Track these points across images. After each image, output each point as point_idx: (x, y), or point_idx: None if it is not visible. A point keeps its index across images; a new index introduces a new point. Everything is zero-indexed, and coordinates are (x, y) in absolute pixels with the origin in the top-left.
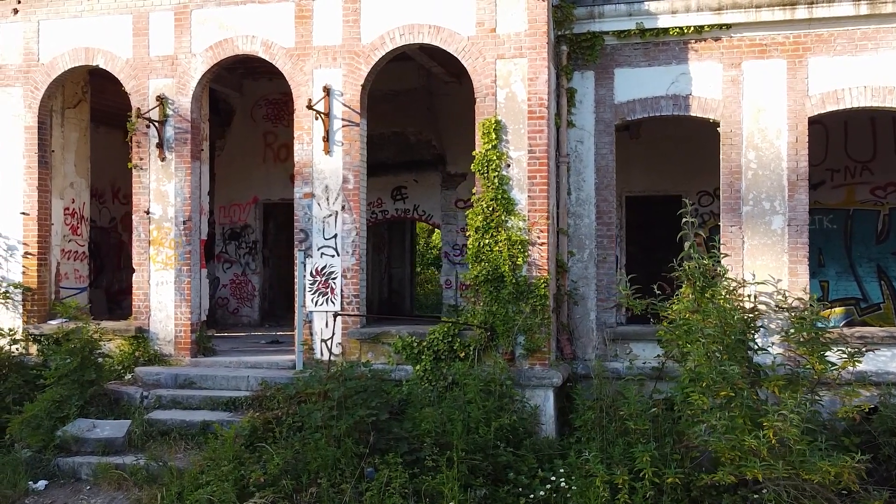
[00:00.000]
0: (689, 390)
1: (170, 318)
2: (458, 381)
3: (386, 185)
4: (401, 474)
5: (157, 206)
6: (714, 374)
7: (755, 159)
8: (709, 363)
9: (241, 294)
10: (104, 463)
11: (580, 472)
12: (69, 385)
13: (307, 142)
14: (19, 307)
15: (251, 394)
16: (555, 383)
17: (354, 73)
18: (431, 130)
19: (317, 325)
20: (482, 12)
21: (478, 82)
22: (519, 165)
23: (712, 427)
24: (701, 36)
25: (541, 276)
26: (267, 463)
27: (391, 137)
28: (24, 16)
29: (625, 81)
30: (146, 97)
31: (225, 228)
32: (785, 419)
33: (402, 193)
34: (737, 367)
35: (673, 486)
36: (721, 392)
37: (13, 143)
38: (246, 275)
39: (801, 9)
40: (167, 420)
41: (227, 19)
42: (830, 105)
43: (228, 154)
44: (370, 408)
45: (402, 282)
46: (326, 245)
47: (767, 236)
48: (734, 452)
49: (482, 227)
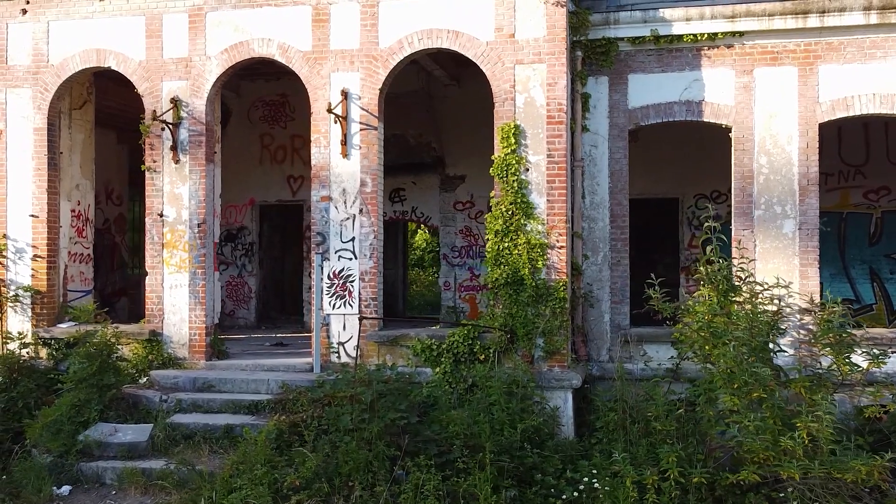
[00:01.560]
0: (721, 392)
1: (184, 321)
2: (478, 383)
3: (384, 186)
4: (433, 476)
5: (171, 209)
6: (746, 375)
7: (767, 164)
8: (740, 365)
9: (237, 296)
10: (129, 467)
11: (605, 473)
12: (88, 389)
13: (324, 145)
14: (28, 310)
15: (273, 397)
16: (574, 385)
17: (372, 76)
18: (431, 133)
19: (334, 328)
20: (501, 18)
21: (496, 87)
22: (538, 170)
23: (745, 427)
24: (714, 43)
25: (559, 279)
26: (300, 466)
27: (391, 139)
28: (32, 16)
29: (638, 87)
30: (159, 99)
31: (221, 230)
32: (820, 420)
33: (401, 195)
34: (768, 369)
35: (697, 485)
36: (753, 393)
37: (22, 145)
38: (242, 276)
39: (813, 17)
40: (190, 424)
41: (243, 22)
42: (840, 112)
43: (224, 155)
44: (399, 410)
45: (394, 283)
46: (344, 248)
47: (779, 240)
48: (768, 452)
49: (501, 230)
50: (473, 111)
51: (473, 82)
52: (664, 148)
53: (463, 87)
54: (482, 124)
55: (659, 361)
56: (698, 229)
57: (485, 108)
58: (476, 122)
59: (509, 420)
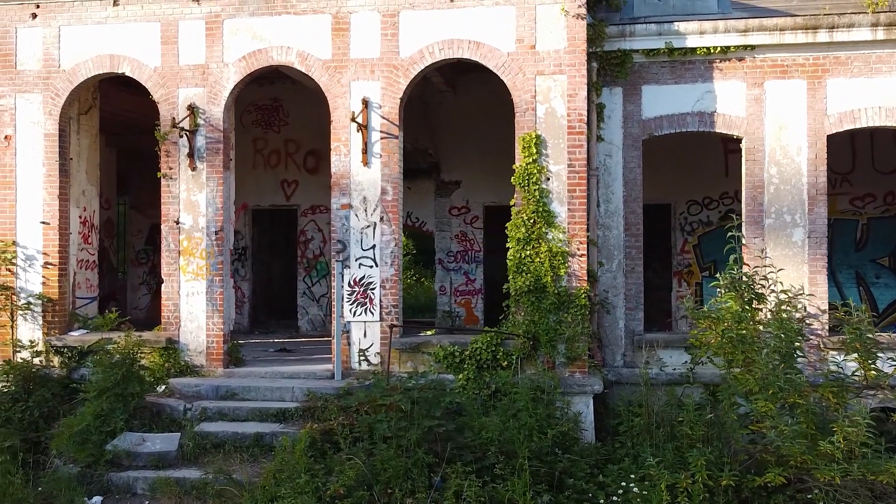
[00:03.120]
0: (757, 397)
1: (201, 328)
2: (502, 389)
3: None
4: (473, 483)
5: (187, 216)
6: (781, 381)
7: (777, 174)
8: (774, 371)
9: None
10: (161, 477)
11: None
12: (112, 398)
13: (344, 153)
14: (39, 318)
15: (299, 405)
16: (596, 390)
17: (393, 86)
18: (427, 138)
19: (354, 335)
20: (522, 29)
21: (517, 97)
22: (558, 179)
23: (781, 432)
24: (726, 56)
25: (580, 286)
26: (340, 475)
27: None
28: (42, 21)
29: (652, 98)
30: (175, 106)
31: None
32: (858, 425)
33: None
34: (801, 375)
35: (725, 487)
36: (789, 399)
37: (31, 151)
38: (235, 281)
39: (822, 33)
40: (218, 432)
41: (261, 29)
42: (847, 124)
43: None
44: (434, 418)
45: None
46: (364, 256)
47: (789, 248)
48: (806, 456)
49: (523, 238)
50: (469, 117)
51: (469, 89)
52: (657, 155)
53: (458, 94)
54: (477, 130)
55: (673, 366)
56: (690, 235)
57: (480, 115)
58: (471, 129)
59: (538, 426)
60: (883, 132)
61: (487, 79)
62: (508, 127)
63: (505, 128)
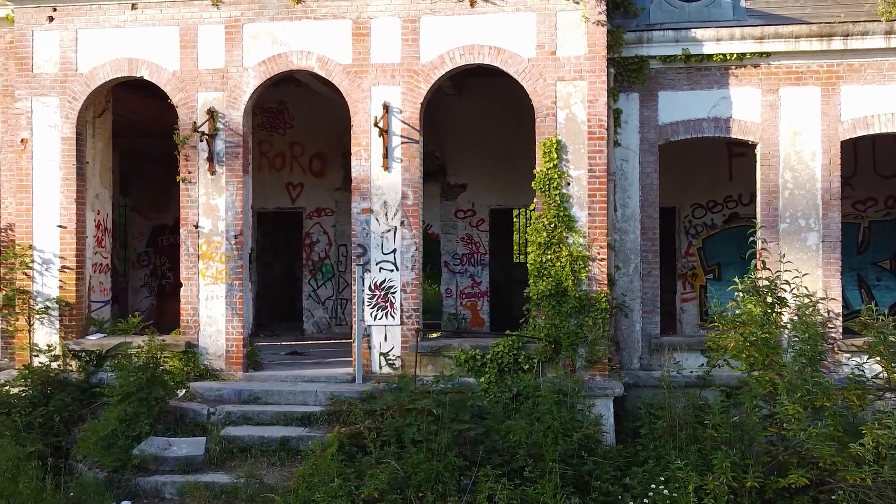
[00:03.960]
0: (785, 400)
1: (220, 332)
2: (524, 392)
3: None
4: (505, 486)
5: (207, 220)
6: (809, 385)
7: (791, 179)
8: (802, 375)
9: None
10: (190, 481)
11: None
12: (136, 403)
13: (364, 158)
14: (56, 322)
15: (324, 408)
16: (617, 393)
17: (413, 91)
18: (433, 141)
19: (375, 339)
20: (543, 35)
21: (538, 103)
22: (579, 184)
23: (809, 434)
24: (742, 63)
25: (601, 290)
26: (373, 478)
27: None
28: (59, 24)
29: (668, 104)
30: (194, 110)
31: None
32: (888, 427)
33: None
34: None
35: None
36: (816, 402)
37: (48, 155)
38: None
39: (837, 40)
40: (244, 436)
41: (281, 34)
42: (861, 130)
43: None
44: (464, 421)
45: None
46: (385, 260)
47: (803, 252)
48: (836, 458)
49: (544, 243)
50: (475, 121)
51: (475, 93)
52: (662, 159)
53: (464, 97)
54: (483, 134)
55: (689, 369)
56: (694, 238)
57: (486, 119)
58: (477, 132)
59: (563, 429)
60: (884, 137)
61: (493, 83)
62: (514, 131)
63: (510, 132)
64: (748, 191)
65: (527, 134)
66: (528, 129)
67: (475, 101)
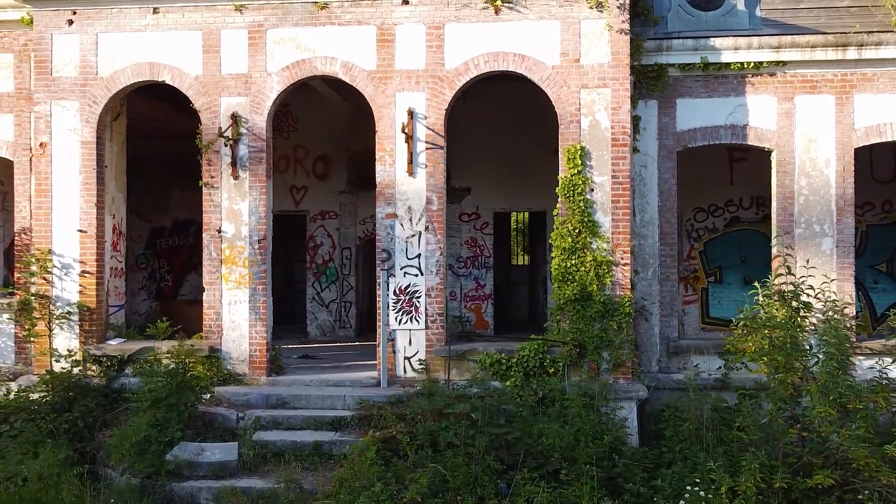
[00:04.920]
0: (817, 403)
1: (243, 337)
2: (550, 395)
3: None
4: (543, 489)
5: (230, 225)
6: (842, 388)
7: (807, 186)
8: (833, 378)
9: None
10: (226, 487)
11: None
12: (165, 408)
13: (389, 163)
14: (75, 327)
15: (353, 413)
16: (641, 396)
17: (438, 97)
18: None
19: (400, 343)
20: (567, 43)
21: (561, 110)
22: (602, 190)
23: (843, 436)
24: (758, 71)
25: (624, 294)
26: (414, 482)
27: None
28: (79, 27)
29: (686, 111)
30: (217, 115)
31: None
32: None
33: None
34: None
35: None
36: (849, 405)
37: (68, 159)
38: None
39: (852, 50)
40: (276, 441)
41: (305, 40)
42: (874, 138)
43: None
44: (499, 425)
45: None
46: (409, 265)
47: (818, 256)
48: (870, 459)
49: (569, 248)
50: (480, 125)
51: (479, 97)
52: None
53: (469, 102)
54: (488, 138)
55: (707, 372)
56: (696, 241)
57: (490, 123)
58: (482, 136)
59: (592, 432)
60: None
61: (498, 87)
62: (518, 136)
63: (515, 136)
64: (749, 195)
65: (530, 138)
66: (531, 133)
67: (479, 105)
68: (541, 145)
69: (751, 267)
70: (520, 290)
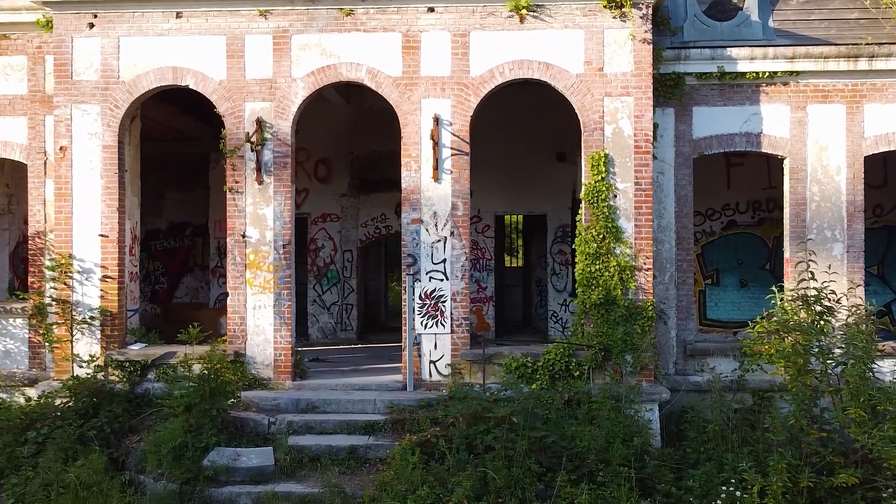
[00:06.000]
0: (849, 405)
1: (268, 341)
2: (574, 398)
3: (391, 201)
4: (585, 491)
5: (254, 230)
6: (872, 390)
7: (818, 192)
8: (864, 380)
9: None
10: (267, 492)
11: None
12: (198, 413)
13: (415, 169)
14: (97, 332)
15: (385, 417)
16: (664, 398)
17: (463, 104)
18: None
19: (425, 347)
20: (590, 52)
21: (585, 117)
22: (625, 196)
23: (874, 436)
24: (772, 81)
25: (647, 298)
26: (459, 486)
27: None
28: (101, 31)
29: (702, 119)
30: (241, 120)
31: (220, 242)
32: None
33: None
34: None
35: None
36: (879, 406)
37: (88, 163)
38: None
39: (863, 61)
40: (311, 446)
41: (331, 46)
42: (883, 146)
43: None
44: (538, 428)
45: (377, 293)
46: (435, 269)
47: (829, 261)
48: None
49: (593, 253)
50: (481, 129)
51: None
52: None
53: None
54: (490, 142)
55: (723, 373)
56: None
57: (492, 127)
58: (484, 140)
59: (623, 434)
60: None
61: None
62: (518, 140)
63: (516, 140)
64: (745, 199)
65: (531, 143)
66: (531, 138)
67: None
68: (541, 150)
69: (746, 269)
70: (514, 292)
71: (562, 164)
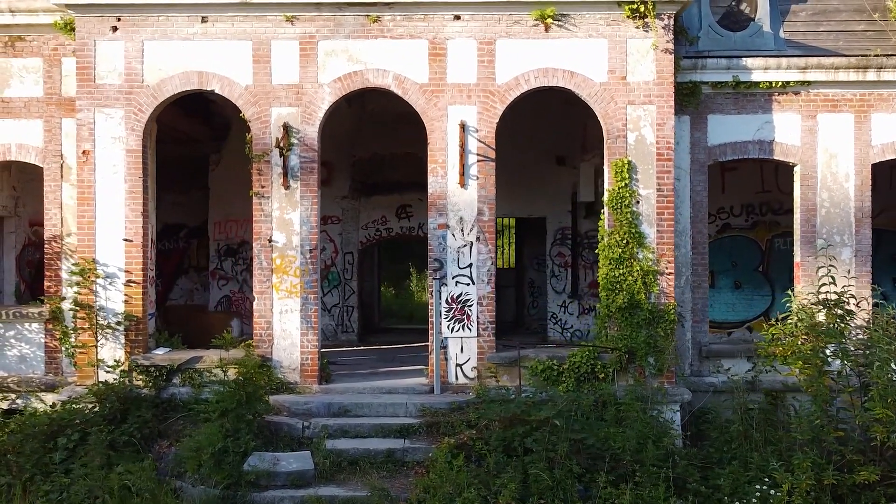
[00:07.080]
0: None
1: (295, 346)
2: (599, 400)
3: (391, 203)
4: (625, 492)
5: (280, 235)
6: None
7: (828, 199)
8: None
9: (238, 312)
10: (311, 496)
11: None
12: (234, 418)
13: (441, 175)
14: (121, 337)
15: (418, 420)
16: (685, 399)
17: (489, 110)
18: None
19: (451, 350)
20: (614, 61)
21: (608, 125)
22: (647, 202)
23: None
24: (784, 90)
25: (669, 302)
26: (504, 488)
27: (403, 157)
28: (124, 34)
29: (717, 126)
30: (268, 125)
31: (220, 245)
32: None
33: (408, 212)
34: None
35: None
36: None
37: (112, 167)
38: (243, 292)
39: (871, 72)
40: (349, 450)
41: (357, 52)
42: (889, 154)
43: (224, 169)
44: (577, 431)
45: (371, 294)
46: (461, 274)
47: (838, 265)
48: None
49: (616, 258)
50: None
51: None
52: None
53: None
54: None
55: (737, 374)
56: None
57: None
58: None
59: (653, 435)
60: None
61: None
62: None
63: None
64: (739, 203)
65: (532, 147)
66: (533, 142)
67: None
68: (540, 154)
69: (740, 271)
70: (506, 293)
71: (561, 168)
